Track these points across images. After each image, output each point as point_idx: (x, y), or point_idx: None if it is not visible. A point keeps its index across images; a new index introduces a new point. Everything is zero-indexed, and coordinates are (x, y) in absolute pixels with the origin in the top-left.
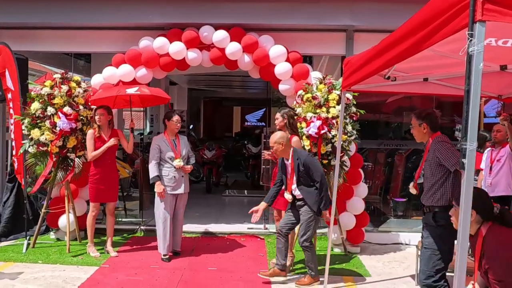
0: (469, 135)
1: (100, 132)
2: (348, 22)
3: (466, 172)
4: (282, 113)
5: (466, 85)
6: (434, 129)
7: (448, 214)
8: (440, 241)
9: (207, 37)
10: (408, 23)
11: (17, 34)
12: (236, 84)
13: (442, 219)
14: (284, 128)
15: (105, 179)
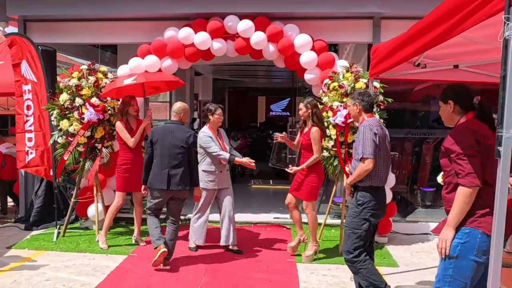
0: (505, 122)
1: (129, 123)
2: (375, 9)
3: (502, 160)
4: (306, 103)
5: (502, 70)
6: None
7: (367, 194)
8: (359, 221)
9: (232, 27)
10: (440, 8)
11: (45, 27)
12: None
13: (362, 197)
14: (307, 118)
15: (132, 169)
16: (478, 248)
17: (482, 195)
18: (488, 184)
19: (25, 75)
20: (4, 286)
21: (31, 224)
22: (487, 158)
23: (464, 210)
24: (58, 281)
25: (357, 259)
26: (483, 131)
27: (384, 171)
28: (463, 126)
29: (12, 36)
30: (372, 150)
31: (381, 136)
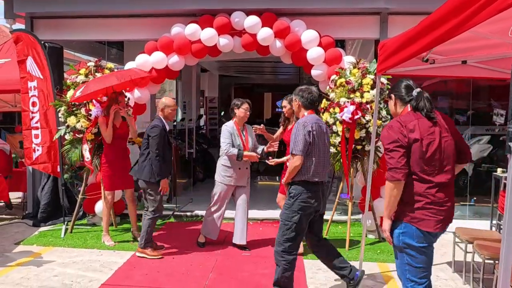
0: None
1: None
2: (382, 4)
3: None
4: (290, 100)
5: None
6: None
7: (298, 187)
8: (289, 213)
9: (239, 23)
10: (449, 3)
11: (52, 24)
12: (267, 70)
13: (293, 190)
14: (291, 115)
15: (117, 166)
16: (416, 236)
17: (413, 188)
18: (418, 177)
19: (31, 71)
20: (13, 281)
21: (39, 221)
22: (414, 154)
23: (391, 202)
24: (66, 277)
25: (284, 254)
26: (411, 125)
27: (320, 167)
28: (394, 121)
29: (18, 33)
30: (301, 147)
31: (316, 133)
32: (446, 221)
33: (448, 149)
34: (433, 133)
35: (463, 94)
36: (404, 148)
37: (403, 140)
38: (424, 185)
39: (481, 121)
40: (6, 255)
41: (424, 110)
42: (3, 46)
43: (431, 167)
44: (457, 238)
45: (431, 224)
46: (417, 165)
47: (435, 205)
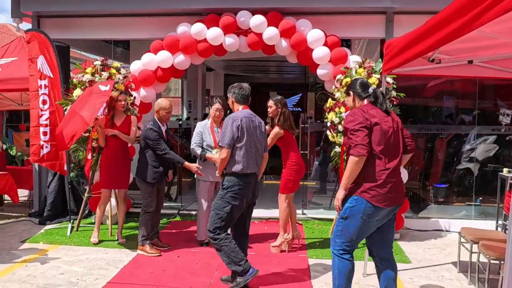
0: None
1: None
2: (388, 4)
3: None
4: (276, 101)
5: None
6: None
7: (231, 179)
8: (221, 203)
9: (244, 22)
10: (456, 3)
11: (59, 23)
12: (273, 69)
13: (226, 182)
14: (275, 116)
15: (114, 165)
16: (364, 211)
17: (372, 168)
18: (378, 157)
19: (42, 70)
20: (20, 279)
21: (45, 219)
22: (375, 134)
23: (352, 175)
24: (73, 274)
25: (218, 237)
26: (372, 111)
27: (251, 159)
28: (356, 109)
29: (32, 32)
30: (228, 141)
31: (246, 127)
32: (395, 200)
33: (398, 139)
34: (388, 121)
35: (469, 93)
36: (367, 129)
37: (366, 122)
38: (380, 165)
39: (487, 121)
40: (13, 253)
41: (380, 104)
42: (10, 45)
43: (387, 150)
44: (462, 238)
45: (381, 200)
46: (377, 145)
47: (387, 184)
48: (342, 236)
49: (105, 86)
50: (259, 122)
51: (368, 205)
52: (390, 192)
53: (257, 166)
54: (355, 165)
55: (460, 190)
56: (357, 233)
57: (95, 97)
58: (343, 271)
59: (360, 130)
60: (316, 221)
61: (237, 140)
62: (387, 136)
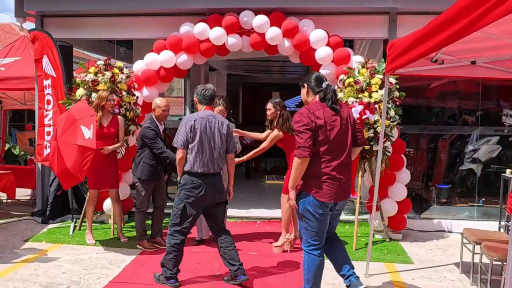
0: None
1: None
2: (391, 4)
3: None
4: (274, 103)
5: None
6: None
7: (185, 177)
8: (177, 200)
9: (247, 22)
10: (459, 3)
11: (62, 22)
12: (275, 69)
13: (182, 180)
14: (274, 118)
15: (101, 165)
16: (313, 204)
17: (314, 166)
18: (322, 156)
19: (46, 70)
20: (22, 278)
21: (47, 218)
22: (320, 135)
23: (297, 175)
24: (75, 273)
25: (170, 238)
26: (318, 112)
27: (208, 159)
28: (303, 108)
29: (35, 32)
30: (181, 141)
31: (200, 128)
32: (340, 195)
33: (346, 135)
34: (335, 121)
35: (472, 94)
36: (311, 131)
37: (310, 124)
38: (324, 164)
39: (490, 122)
40: (15, 252)
41: (329, 102)
42: (14, 45)
43: (331, 149)
44: (465, 239)
45: (326, 195)
46: (320, 146)
47: (331, 180)
48: (306, 232)
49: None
50: (220, 123)
51: (315, 201)
52: (334, 188)
53: (217, 167)
54: (299, 166)
55: (463, 191)
56: (317, 226)
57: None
58: (311, 266)
59: (304, 132)
60: None
61: (190, 140)
62: (333, 135)
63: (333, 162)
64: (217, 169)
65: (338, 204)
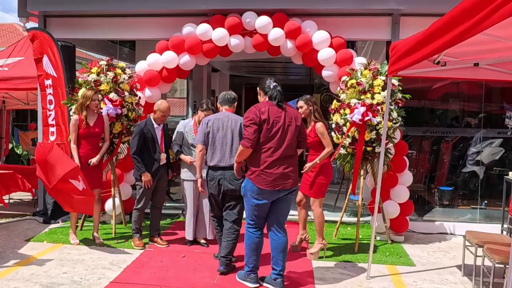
0: None
1: (87, 119)
2: (394, 6)
3: None
4: (306, 100)
5: None
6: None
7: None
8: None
9: (250, 23)
10: (462, 5)
11: (65, 22)
12: (278, 70)
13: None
14: (308, 115)
15: (89, 167)
16: (252, 191)
17: (258, 155)
18: (264, 147)
19: (46, 69)
20: (24, 277)
21: (49, 218)
22: (263, 129)
23: (240, 158)
24: (76, 274)
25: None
26: (263, 109)
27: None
28: (254, 106)
29: (34, 31)
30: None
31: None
32: (277, 184)
33: (289, 132)
34: (280, 117)
35: (475, 96)
36: (257, 125)
37: (256, 119)
38: (265, 154)
39: (493, 124)
40: (17, 251)
41: (276, 100)
42: (17, 45)
43: (272, 142)
44: (467, 241)
45: (263, 183)
46: (263, 138)
47: (268, 169)
48: (246, 212)
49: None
50: (233, 122)
51: (254, 187)
52: (272, 177)
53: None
54: (242, 152)
55: (466, 193)
56: (255, 209)
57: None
58: (249, 243)
59: (249, 126)
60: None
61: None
62: (275, 130)
63: (275, 154)
64: (229, 163)
65: (278, 192)
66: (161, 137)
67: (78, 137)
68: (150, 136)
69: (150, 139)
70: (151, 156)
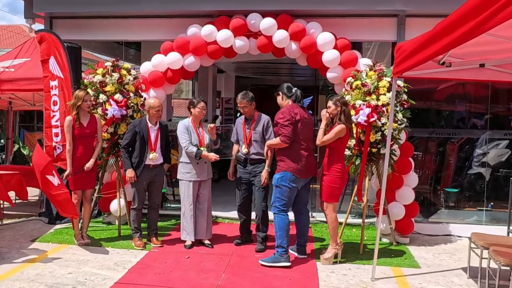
0: None
1: (80, 119)
2: (400, 7)
3: None
4: (335, 101)
5: None
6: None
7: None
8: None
9: (255, 24)
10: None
11: (71, 24)
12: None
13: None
14: (335, 116)
15: (82, 165)
16: (289, 179)
17: (294, 152)
18: (298, 143)
19: (53, 71)
20: (29, 278)
21: (54, 218)
22: (299, 127)
23: (273, 145)
24: (81, 274)
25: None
26: (295, 111)
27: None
28: (286, 107)
29: (42, 33)
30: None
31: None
32: (308, 173)
33: (311, 128)
34: (305, 116)
35: (481, 97)
36: (293, 125)
37: (292, 119)
38: (300, 148)
39: (500, 125)
40: (22, 252)
41: (300, 103)
42: (23, 46)
43: (305, 138)
44: (472, 243)
45: (300, 173)
46: (298, 135)
47: (302, 161)
48: (277, 200)
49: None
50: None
51: (292, 176)
52: (305, 168)
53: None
54: (277, 145)
55: (471, 195)
56: (289, 195)
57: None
58: (282, 225)
59: (288, 125)
60: (325, 225)
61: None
62: (305, 128)
63: (307, 147)
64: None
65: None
66: (156, 137)
67: (73, 138)
68: (141, 135)
69: (141, 138)
70: (140, 156)
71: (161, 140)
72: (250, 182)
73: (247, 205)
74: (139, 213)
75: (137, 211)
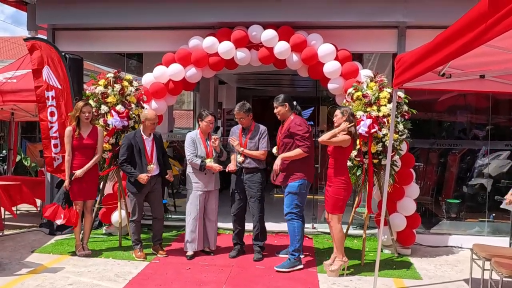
0: None
1: (80, 130)
2: (400, 18)
3: None
4: (343, 111)
5: None
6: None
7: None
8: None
9: (256, 36)
10: (466, 17)
11: (73, 35)
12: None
13: None
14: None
15: (85, 177)
16: (306, 186)
17: (309, 161)
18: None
19: (48, 81)
20: None
21: (55, 229)
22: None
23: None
24: (81, 285)
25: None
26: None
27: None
28: (300, 119)
29: (33, 41)
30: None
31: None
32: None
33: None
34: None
35: (482, 108)
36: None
37: (310, 131)
38: (312, 158)
39: (501, 136)
40: (23, 263)
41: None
42: (26, 57)
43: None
44: (474, 255)
45: (311, 178)
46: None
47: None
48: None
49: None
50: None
51: (308, 183)
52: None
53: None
54: (299, 155)
55: (473, 206)
56: (304, 200)
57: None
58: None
59: (309, 137)
60: (327, 236)
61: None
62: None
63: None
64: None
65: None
66: (151, 149)
67: (72, 148)
68: (137, 148)
69: (138, 151)
70: (139, 169)
71: (157, 151)
72: (245, 192)
73: (242, 215)
74: (138, 224)
75: (136, 223)
